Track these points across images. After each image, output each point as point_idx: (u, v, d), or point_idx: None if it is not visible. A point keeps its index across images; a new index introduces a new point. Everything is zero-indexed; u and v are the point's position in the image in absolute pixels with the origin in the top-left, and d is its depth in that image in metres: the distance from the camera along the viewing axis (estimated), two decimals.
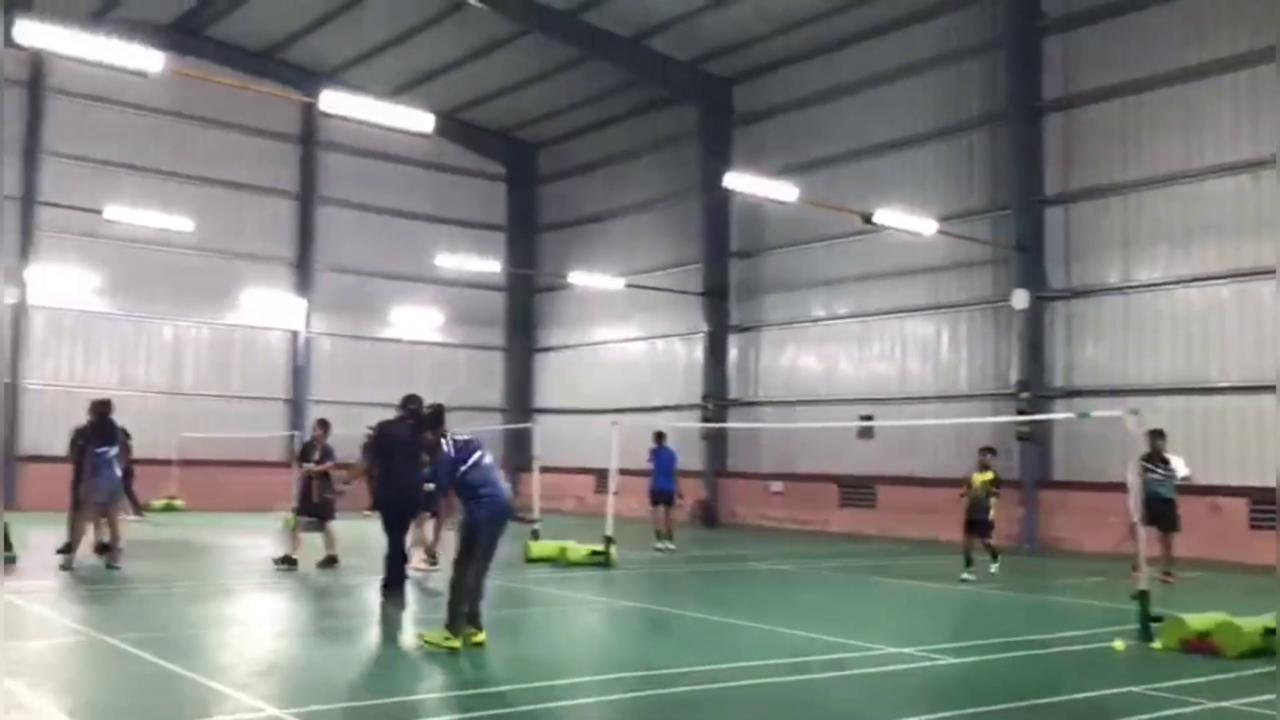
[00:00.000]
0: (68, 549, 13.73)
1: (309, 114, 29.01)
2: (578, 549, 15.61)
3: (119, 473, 14.62)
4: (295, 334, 29.64)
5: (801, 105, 25.63)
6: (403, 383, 30.55)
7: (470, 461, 9.06)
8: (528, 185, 33.48)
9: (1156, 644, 9.37)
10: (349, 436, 27.31)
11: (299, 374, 29.46)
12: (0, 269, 22.95)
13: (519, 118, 31.66)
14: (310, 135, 29.90)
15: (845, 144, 24.45)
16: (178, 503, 25.95)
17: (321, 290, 29.95)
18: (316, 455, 14.92)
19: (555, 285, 31.72)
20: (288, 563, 14.20)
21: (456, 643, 8.63)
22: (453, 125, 30.56)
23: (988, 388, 21.72)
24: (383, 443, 11.62)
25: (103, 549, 14.62)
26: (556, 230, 32.69)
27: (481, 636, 8.87)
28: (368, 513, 13.02)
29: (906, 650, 9.06)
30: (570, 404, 31.12)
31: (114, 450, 14.17)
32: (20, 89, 25.91)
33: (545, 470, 18.35)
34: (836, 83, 24.76)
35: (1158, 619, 9.63)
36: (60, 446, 17.27)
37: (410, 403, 11.22)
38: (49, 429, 23.53)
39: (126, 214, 23.75)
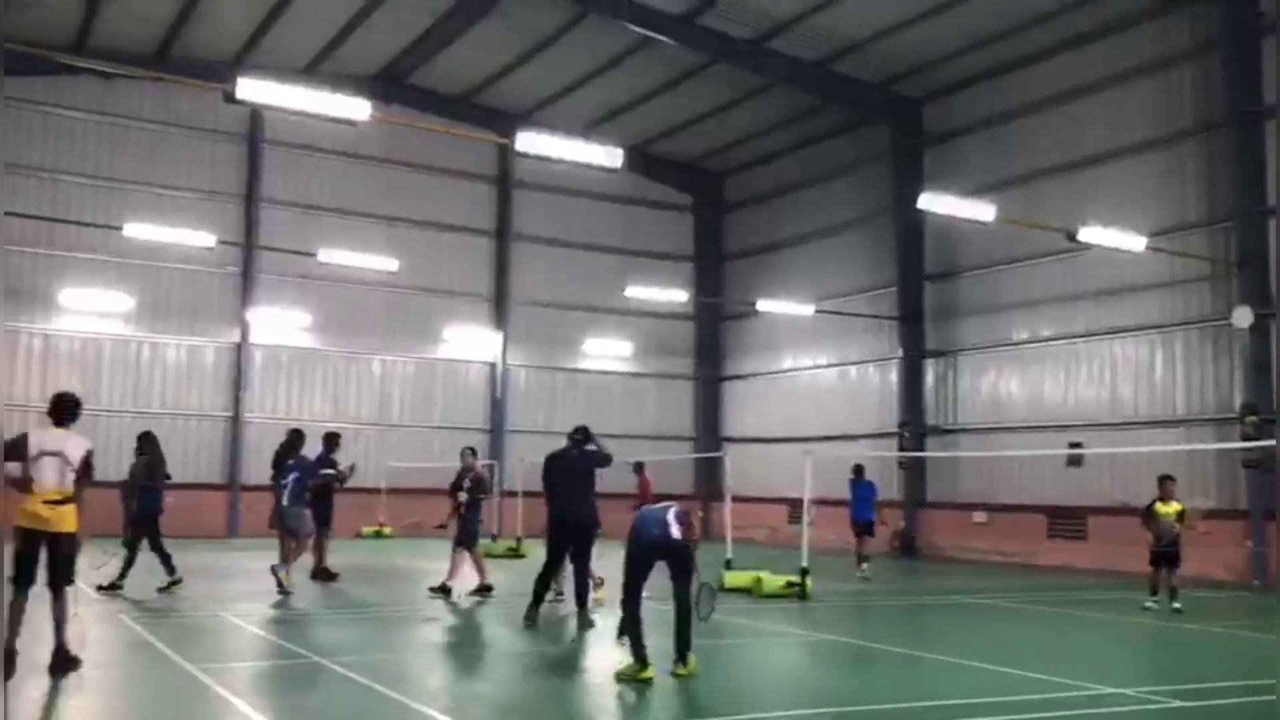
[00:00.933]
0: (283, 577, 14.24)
1: (504, 154, 30.05)
2: (773, 579, 15.39)
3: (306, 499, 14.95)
4: (493, 366, 30.58)
5: (997, 121, 24.84)
6: (594, 412, 31.31)
7: None
8: (714, 214, 33.62)
9: None
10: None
11: (497, 405, 30.36)
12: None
13: (705, 147, 31.89)
14: (505, 174, 30.92)
15: (1045, 159, 23.54)
16: (386, 530, 27.10)
17: (517, 323, 30.83)
18: (467, 484, 14.74)
19: (743, 313, 31.66)
20: (443, 591, 14.07)
21: (648, 673, 8.59)
22: (640, 158, 31.01)
23: (1208, 412, 20.36)
24: (549, 473, 12.15)
25: (320, 574, 15.41)
26: (744, 258, 32.66)
27: (683, 670, 8.73)
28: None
29: (1124, 691, 8.50)
30: (760, 433, 30.93)
31: (302, 477, 14.85)
32: (240, 141, 27.82)
33: (736, 500, 18.24)
34: (1035, 97, 23.89)
35: None
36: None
37: (578, 433, 12.18)
38: (268, 460, 24.91)
39: (337, 255, 25.15)
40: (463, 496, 14.53)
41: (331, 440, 16.11)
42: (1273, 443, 17.79)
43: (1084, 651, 11.38)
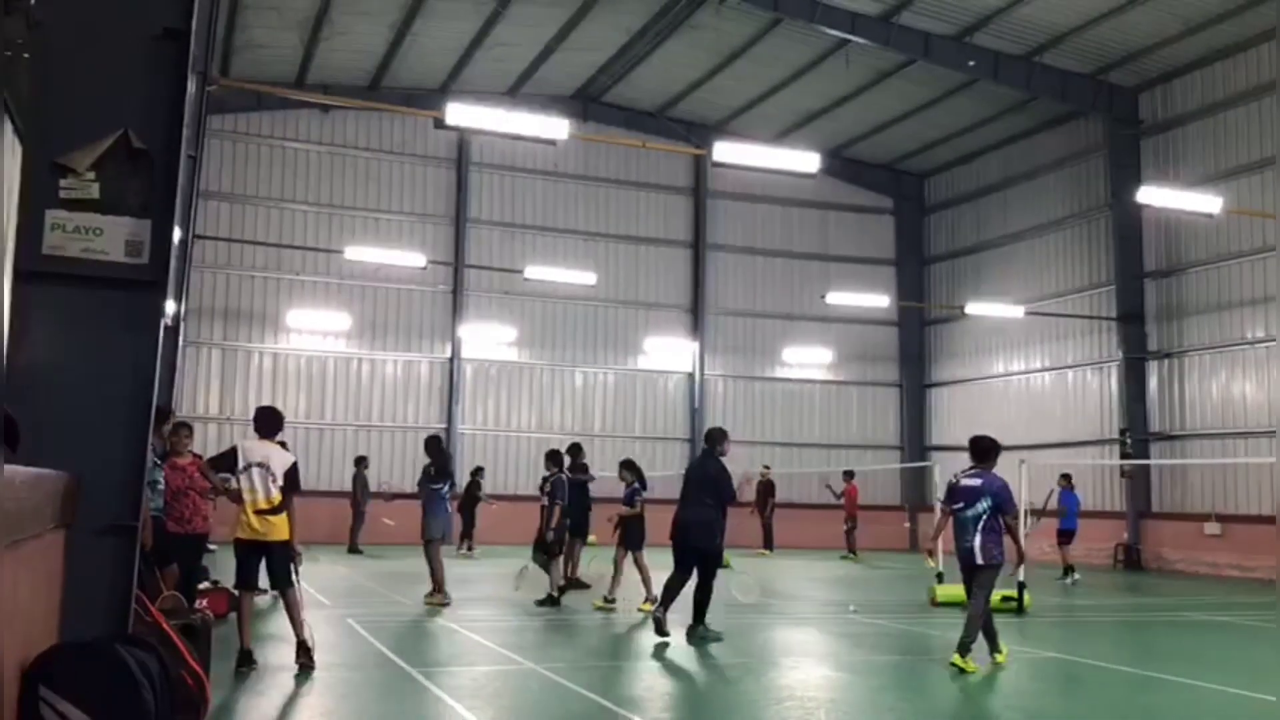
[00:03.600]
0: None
1: (699, 165, 30.21)
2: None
3: (450, 509, 15.14)
4: (691, 376, 30.72)
5: (1220, 108, 23.28)
6: (795, 421, 31.15)
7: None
8: (915, 216, 32.81)
9: None
10: (747, 475, 27.92)
11: (696, 415, 30.47)
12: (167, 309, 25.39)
13: (905, 149, 31.17)
14: (700, 185, 31.06)
15: (1275, 145, 21.87)
16: (591, 540, 27.49)
17: (714, 333, 30.88)
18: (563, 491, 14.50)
19: (948, 317, 30.74)
20: (550, 602, 13.95)
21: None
22: (837, 162, 30.59)
23: None
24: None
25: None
26: (947, 260, 31.72)
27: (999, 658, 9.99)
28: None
29: None
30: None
31: (447, 487, 15.06)
32: (448, 165, 29.00)
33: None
34: (1258, 81, 22.31)
35: None
36: (491, 486, 18.89)
37: (709, 438, 11.89)
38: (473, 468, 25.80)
39: (540, 271, 25.89)
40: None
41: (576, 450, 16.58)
42: None
43: None
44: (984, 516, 9.97)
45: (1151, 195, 18.14)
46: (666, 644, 10.82)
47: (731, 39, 25.47)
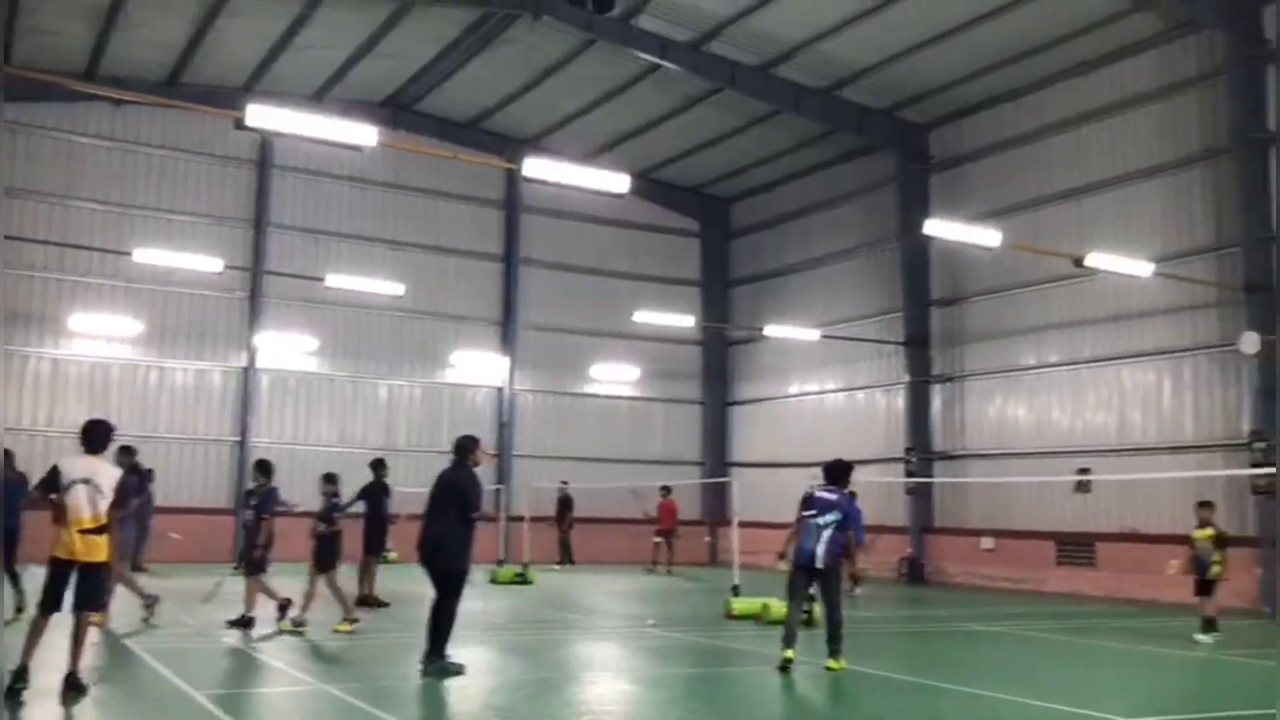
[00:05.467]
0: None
1: (512, 179, 30.18)
2: (780, 606, 15.30)
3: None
4: (500, 391, 30.59)
5: (1002, 148, 24.90)
6: (603, 437, 31.41)
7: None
8: (722, 239, 33.72)
9: None
10: (548, 489, 28.07)
11: (504, 429, 30.34)
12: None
13: (713, 173, 32.00)
14: (513, 199, 31.02)
15: (1051, 185, 23.58)
16: (392, 555, 26.93)
17: (524, 348, 30.85)
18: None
19: (750, 338, 31.67)
20: (242, 623, 13.03)
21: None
22: (647, 184, 31.12)
23: (1217, 438, 20.28)
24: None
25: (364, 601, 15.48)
26: (751, 283, 32.71)
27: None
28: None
29: None
30: (767, 457, 30.87)
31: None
32: (249, 167, 27.97)
33: (744, 525, 18.20)
34: (1040, 123, 23.96)
35: None
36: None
37: (458, 448, 10.81)
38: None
39: (344, 280, 25.27)
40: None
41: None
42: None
43: (1096, 680, 11.30)
44: (832, 527, 11.12)
45: (937, 228, 19.18)
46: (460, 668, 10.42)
47: (545, 56, 25.62)
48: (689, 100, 27.07)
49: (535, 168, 15.30)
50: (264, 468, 13.68)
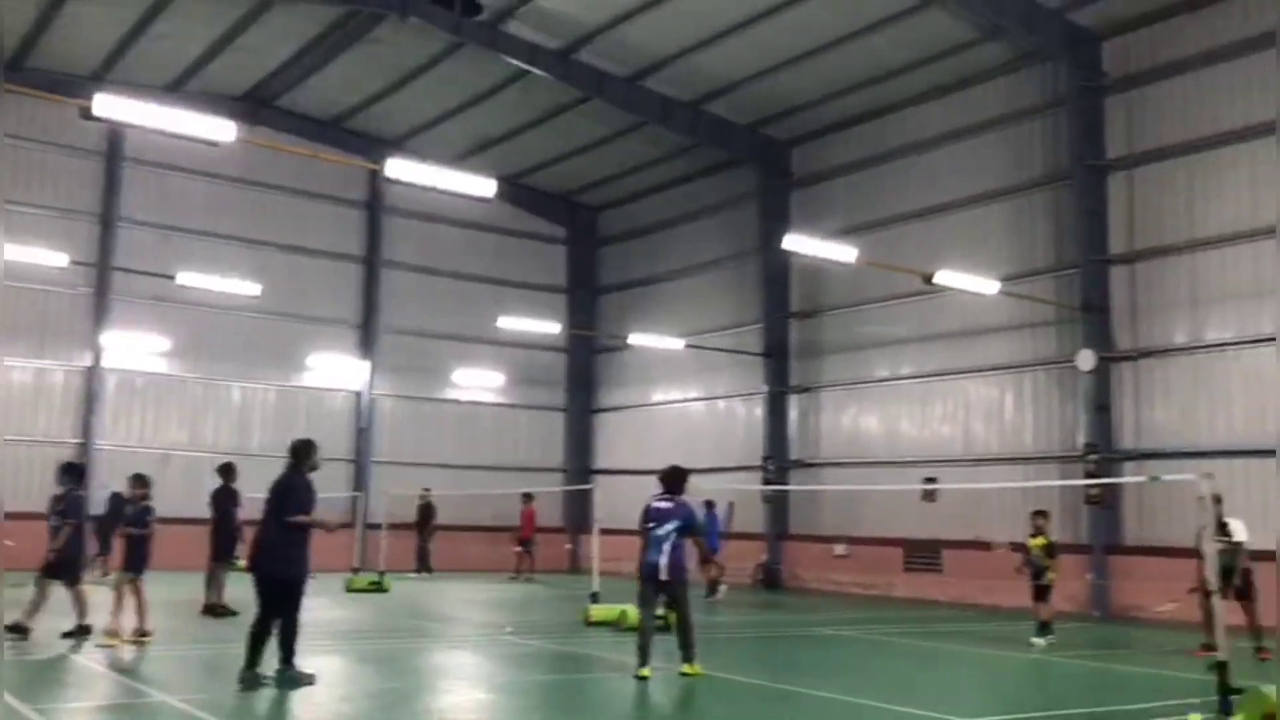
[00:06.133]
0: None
1: (375, 180, 29.69)
2: (637, 613, 15.45)
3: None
4: (359, 395, 30.04)
5: (860, 167, 25.69)
6: (465, 443, 31.11)
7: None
8: (589, 247, 33.85)
9: (1236, 718, 9.03)
10: (408, 496, 27.71)
11: (362, 435, 29.80)
12: None
13: (580, 181, 32.10)
14: (376, 201, 30.53)
15: (905, 205, 24.43)
16: (240, 563, 26.18)
17: (385, 352, 30.36)
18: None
19: (615, 346, 31.85)
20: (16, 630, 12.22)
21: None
22: (515, 189, 31.05)
23: (1054, 450, 21.31)
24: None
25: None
26: (617, 291, 32.94)
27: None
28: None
29: None
30: (631, 465, 31.05)
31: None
32: (98, 159, 26.84)
33: (606, 532, 18.32)
34: (896, 144, 24.82)
35: (1236, 691, 9.29)
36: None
37: (294, 451, 10.35)
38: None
39: (198, 279, 24.43)
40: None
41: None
42: (1111, 480, 18.71)
43: (936, 682, 11.77)
44: (672, 536, 11.10)
45: (795, 243, 19.68)
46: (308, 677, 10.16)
47: (412, 57, 25.34)
48: (558, 107, 27.12)
49: (399, 169, 15.14)
50: (71, 471, 13.59)
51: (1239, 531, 13.64)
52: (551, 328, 30.20)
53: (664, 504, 11.33)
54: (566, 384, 33.44)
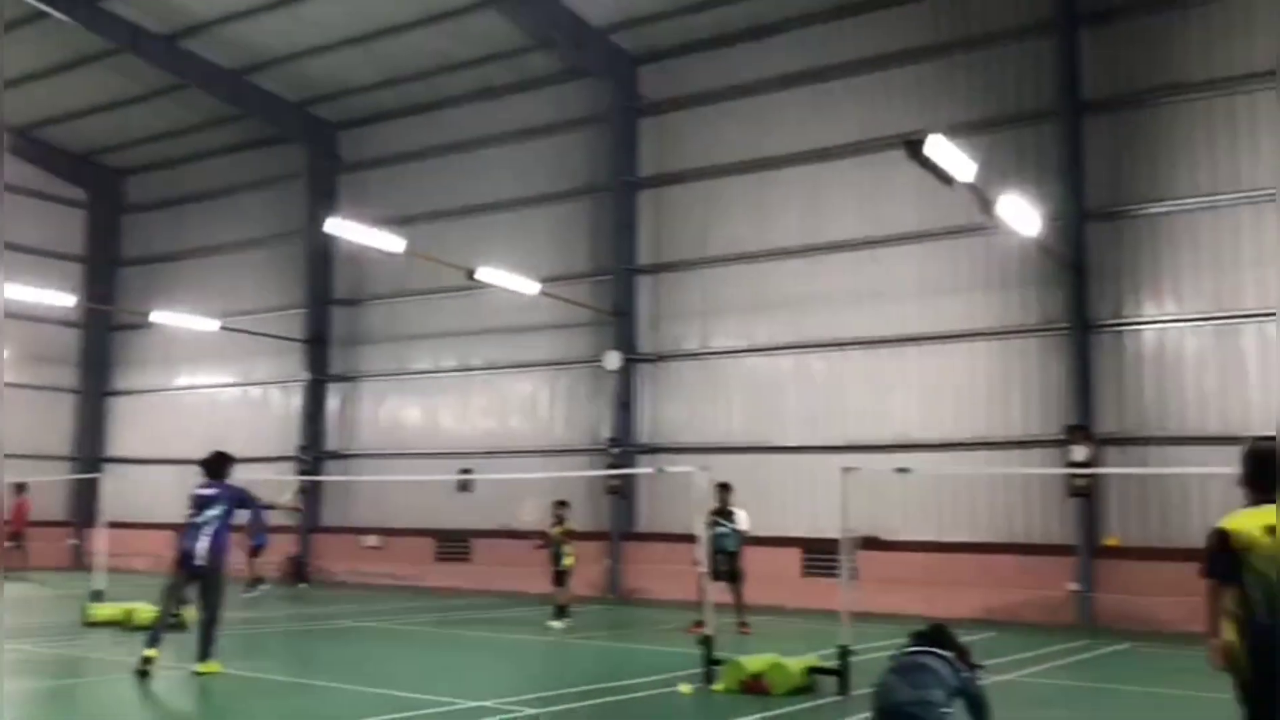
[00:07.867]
0: None
1: None
2: (148, 611, 14.46)
3: None
4: None
5: (410, 158, 25.72)
6: None
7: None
8: (111, 214, 31.01)
9: (718, 686, 10.15)
10: None
11: None
12: None
13: (105, 141, 29.30)
14: None
15: (453, 200, 24.78)
16: None
17: None
18: None
19: (139, 324, 29.36)
20: None
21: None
22: (25, 142, 27.80)
23: (583, 443, 22.62)
24: None
25: None
26: (143, 265, 30.46)
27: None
28: None
29: (487, 704, 9.19)
30: (150, 453, 28.87)
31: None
32: None
33: (117, 525, 16.94)
34: (447, 139, 25.09)
35: (719, 662, 10.43)
36: None
37: None
38: None
39: None
40: None
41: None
42: (625, 471, 20.18)
43: (458, 668, 12.13)
44: (215, 522, 10.81)
45: (338, 227, 19.26)
46: None
47: None
48: (80, 57, 24.59)
49: None
50: None
51: (742, 520, 15.33)
52: (65, 300, 27.22)
53: (208, 490, 11.04)
54: (79, 363, 30.42)
